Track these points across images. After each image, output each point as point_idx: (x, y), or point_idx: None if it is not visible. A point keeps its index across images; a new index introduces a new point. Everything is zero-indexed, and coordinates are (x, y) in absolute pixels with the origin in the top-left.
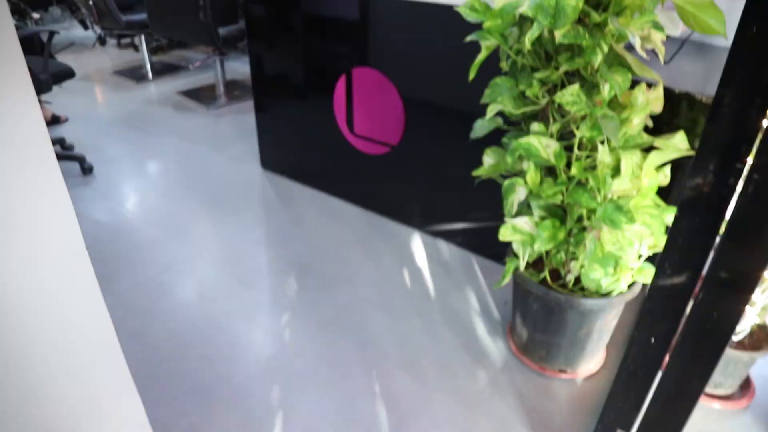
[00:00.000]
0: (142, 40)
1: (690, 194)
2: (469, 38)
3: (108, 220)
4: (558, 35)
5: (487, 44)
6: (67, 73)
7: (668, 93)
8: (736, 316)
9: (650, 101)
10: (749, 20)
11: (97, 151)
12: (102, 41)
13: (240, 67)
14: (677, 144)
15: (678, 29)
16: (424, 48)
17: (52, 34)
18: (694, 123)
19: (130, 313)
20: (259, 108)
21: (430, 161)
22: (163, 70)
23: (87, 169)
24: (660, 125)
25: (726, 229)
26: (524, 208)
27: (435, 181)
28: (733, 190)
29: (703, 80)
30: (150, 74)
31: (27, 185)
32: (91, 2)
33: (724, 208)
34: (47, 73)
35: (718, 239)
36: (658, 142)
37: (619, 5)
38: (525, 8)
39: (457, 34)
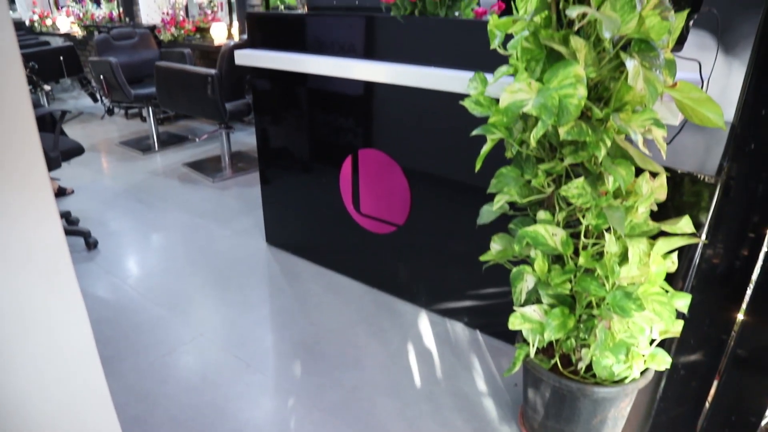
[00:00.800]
0: (149, 112)
1: (705, 268)
2: (475, 132)
3: (111, 298)
4: (562, 132)
5: (492, 137)
6: (77, 151)
7: (670, 173)
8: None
9: (654, 189)
10: (759, 103)
11: (102, 225)
12: (110, 112)
13: (245, 138)
14: (683, 228)
15: (677, 119)
16: (429, 130)
17: (64, 113)
18: (697, 201)
19: (132, 399)
20: (264, 181)
21: (437, 240)
22: (169, 141)
23: (92, 244)
24: (665, 205)
25: (747, 304)
26: (533, 295)
27: (441, 259)
28: (749, 261)
29: (704, 154)
30: (156, 145)
31: (41, 284)
32: (102, 77)
33: (741, 281)
34: (57, 150)
35: (739, 315)
36: (664, 226)
37: (620, 100)
38: (529, 107)
39: (460, 116)
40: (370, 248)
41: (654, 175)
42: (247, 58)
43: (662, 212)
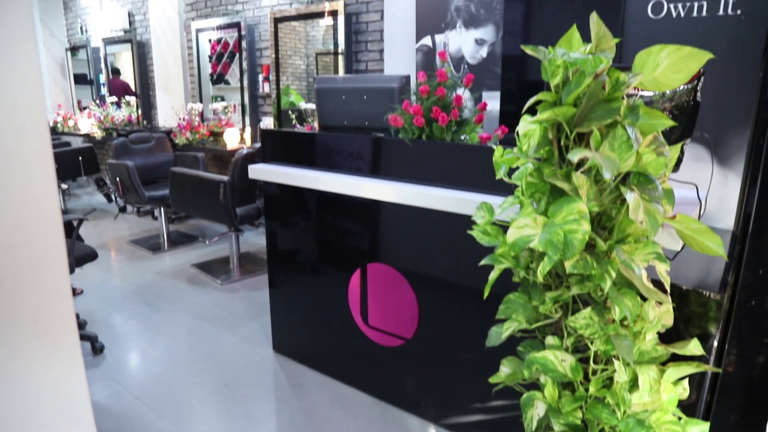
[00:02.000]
0: (161, 212)
1: (720, 389)
2: (483, 262)
3: (115, 408)
4: (568, 266)
5: (500, 267)
6: (91, 256)
7: (675, 289)
8: None
9: (661, 316)
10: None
11: (109, 328)
12: (123, 210)
13: (254, 238)
14: (692, 350)
15: (679, 245)
16: (436, 246)
17: (81, 221)
18: (705, 313)
19: None
20: (273, 285)
21: (445, 353)
22: (179, 241)
23: (98, 349)
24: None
25: None
26: (544, 422)
27: (450, 372)
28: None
29: (707, 264)
30: (166, 245)
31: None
32: (118, 179)
33: (762, 395)
34: (72, 257)
35: None
36: (673, 348)
37: (623, 231)
38: (536, 243)
39: (467, 235)
40: (378, 360)
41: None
42: (260, 172)
43: (669, 337)
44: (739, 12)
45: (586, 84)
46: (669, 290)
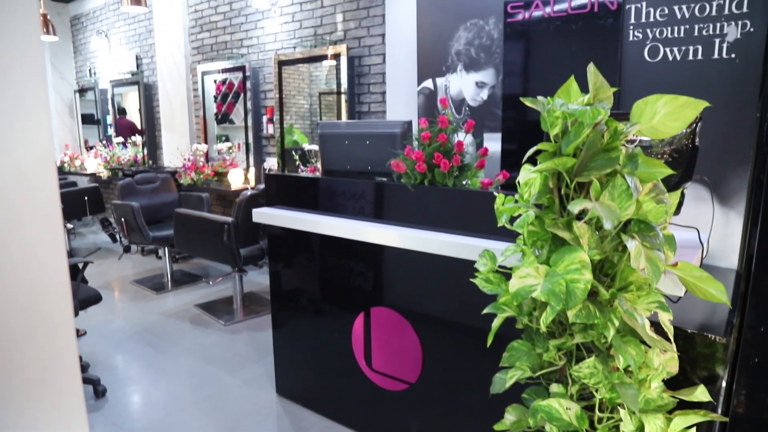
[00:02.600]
0: (165, 251)
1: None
2: (486, 310)
3: None
4: (570, 315)
5: (502, 315)
6: (95, 299)
7: (680, 332)
8: None
9: (666, 363)
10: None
11: (111, 370)
12: (127, 249)
13: (257, 277)
14: (699, 397)
15: (682, 290)
16: (440, 291)
17: (86, 264)
18: (711, 354)
19: None
20: (276, 325)
21: (450, 396)
22: (182, 280)
23: (100, 392)
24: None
25: None
26: None
27: (455, 416)
28: None
29: (713, 304)
30: (169, 284)
31: None
32: (123, 219)
33: None
34: (76, 299)
35: None
36: (679, 395)
37: (625, 279)
38: (538, 293)
39: (470, 280)
40: (382, 404)
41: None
42: (264, 216)
43: (677, 382)
44: (733, 56)
45: (584, 135)
46: (672, 339)
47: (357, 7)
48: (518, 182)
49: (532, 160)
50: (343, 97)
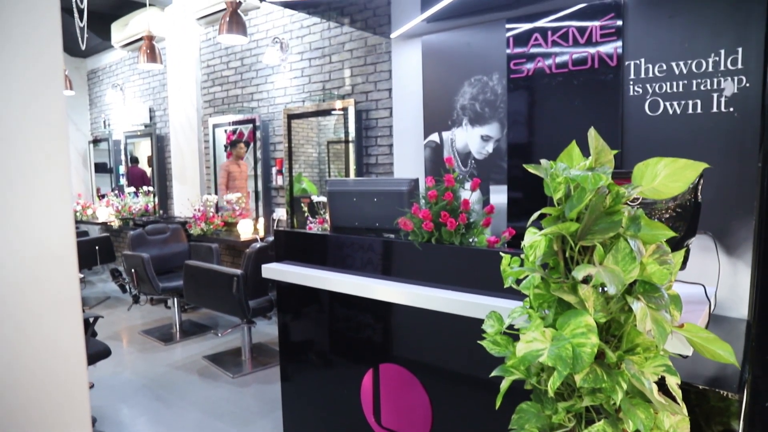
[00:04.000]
0: (174, 301)
1: None
2: (494, 373)
3: None
4: (578, 380)
5: (510, 378)
6: (104, 354)
7: (692, 388)
8: None
9: (677, 425)
10: None
11: (119, 425)
12: (136, 299)
13: (266, 328)
14: None
15: (690, 350)
16: (449, 348)
17: (96, 318)
18: (725, 413)
19: None
20: (285, 378)
21: None
22: (191, 331)
23: None
24: (691, 411)
25: None
26: None
27: None
28: None
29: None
30: (178, 335)
31: None
32: (133, 270)
33: None
34: (86, 353)
35: None
36: None
37: (631, 341)
38: (545, 358)
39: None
40: None
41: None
42: (273, 272)
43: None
44: (732, 109)
45: (587, 200)
46: (682, 401)
47: (364, 63)
48: (523, 246)
49: (537, 222)
50: (351, 146)
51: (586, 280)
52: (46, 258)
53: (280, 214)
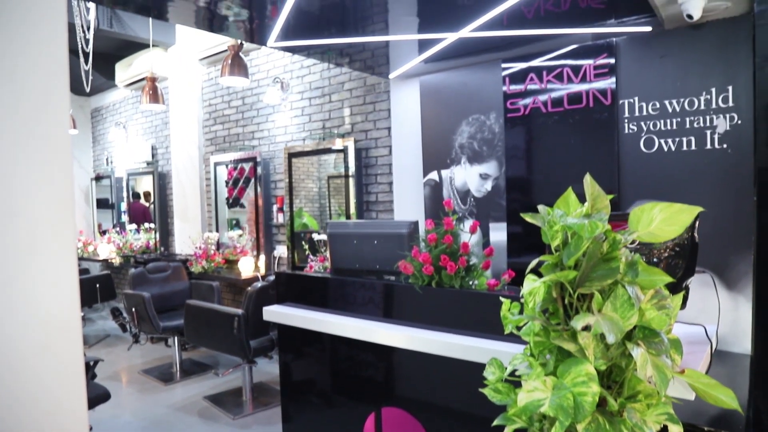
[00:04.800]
0: (174, 340)
1: None
2: (496, 422)
3: None
4: (580, 429)
5: (512, 427)
6: (104, 397)
7: (696, 430)
8: None
9: None
10: None
11: None
12: (136, 337)
13: (267, 367)
14: None
15: (692, 395)
16: (452, 392)
17: (96, 362)
18: None
19: None
20: (286, 420)
21: None
22: (191, 370)
23: None
24: None
25: None
26: None
27: None
28: None
29: (728, 383)
30: (178, 374)
31: None
32: (134, 309)
33: None
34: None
35: None
36: None
37: (633, 388)
38: (546, 408)
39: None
40: None
41: None
42: (275, 315)
43: None
44: (725, 146)
45: (584, 247)
46: None
47: (363, 102)
48: (522, 296)
49: (536, 268)
50: (351, 180)
51: (586, 327)
52: (52, 327)
53: (281, 251)
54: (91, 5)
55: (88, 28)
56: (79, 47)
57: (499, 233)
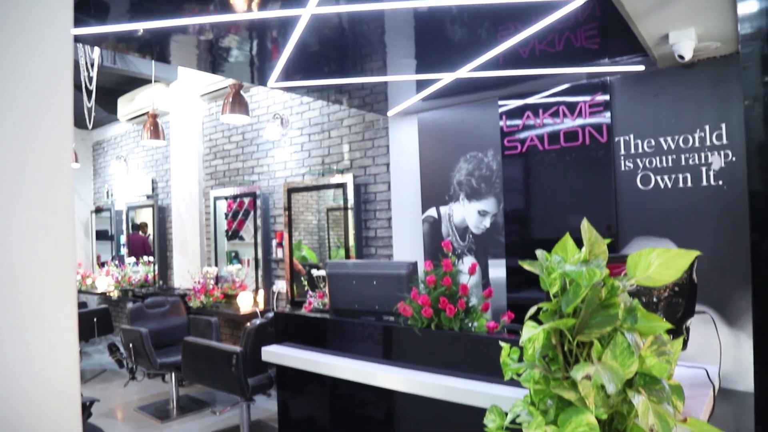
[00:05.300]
0: (172, 376)
1: None
2: None
3: None
4: None
5: None
6: None
7: None
8: None
9: None
10: None
11: None
12: (132, 372)
13: (265, 404)
14: None
15: None
16: None
17: (92, 402)
18: None
19: None
20: None
21: None
22: (188, 407)
23: None
24: None
25: None
26: None
27: None
28: None
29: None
30: (175, 411)
31: None
32: (131, 345)
33: None
34: None
35: None
36: None
37: None
38: None
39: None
40: None
41: None
42: (273, 356)
43: None
44: (721, 182)
45: (583, 295)
46: None
47: (362, 138)
48: (521, 343)
49: (535, 314)
50: (350, 213)
51: (586, 377)
52: (49, 397)
53: (280, 286)
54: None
55: (92, 66)
56: (83, 84)
57: (498, 270)
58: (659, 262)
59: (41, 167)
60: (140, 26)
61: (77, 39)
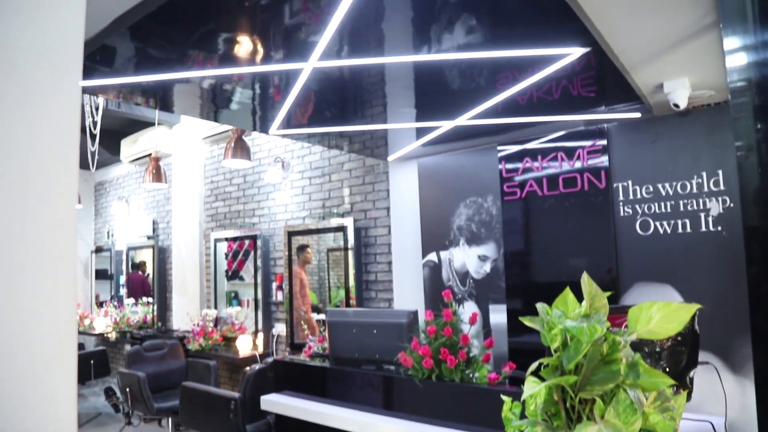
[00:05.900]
0: (169, 421)
1: None
2: None
3: None
4: None
5: None
6: None
7: None
8: None
9: None
10: None
11: None
12: (129, 422)
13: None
14: None
15: None
16: None
17: None
18: None
19: None
20: None
21: None
22: None
23: None
24: None
25: None
26: None
27: None
28: None
29: None
30: None
31: None
32: (128, 389)
33: None
34: None
35: None
36: None
37: None
38: None
39: None
40: None
41: None
42: (273, 405)
43: None
44: (719, 228)
45: (584, 351)
46: None
47: (363, 182)
48: (523, 400)
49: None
50: (351, 253)
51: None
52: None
53: (280, 329)
54: None
55: (97, 110)
56: (87, 128)
57: (499, 315)
58: (660, 315)
59: (45, 210)
60: (144, 79)
61: (84, 90)
